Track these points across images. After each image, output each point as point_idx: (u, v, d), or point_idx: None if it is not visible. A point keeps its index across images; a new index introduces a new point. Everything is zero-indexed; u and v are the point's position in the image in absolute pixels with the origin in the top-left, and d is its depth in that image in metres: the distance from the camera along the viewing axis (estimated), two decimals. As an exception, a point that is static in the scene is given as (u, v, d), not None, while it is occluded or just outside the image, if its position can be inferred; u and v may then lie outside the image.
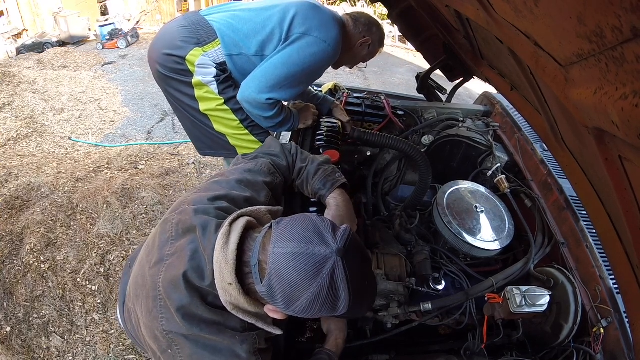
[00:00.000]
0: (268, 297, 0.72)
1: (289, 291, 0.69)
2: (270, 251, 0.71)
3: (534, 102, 1.19)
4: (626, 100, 0.46)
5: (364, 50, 1.71)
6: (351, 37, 1.64)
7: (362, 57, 1.77)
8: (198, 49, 1.48)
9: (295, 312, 0.72)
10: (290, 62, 1.45)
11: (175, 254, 0.84)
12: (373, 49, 1.74)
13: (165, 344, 0.80)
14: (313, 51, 1.46)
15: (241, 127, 1.65)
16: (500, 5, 0.78)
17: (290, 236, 0.71)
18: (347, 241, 0.72)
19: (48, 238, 2.60)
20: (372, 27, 1.68)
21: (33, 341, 2.12)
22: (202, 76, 1.51)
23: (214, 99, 1.56)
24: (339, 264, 0.69)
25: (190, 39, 1.49)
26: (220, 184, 1.00)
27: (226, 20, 1.52)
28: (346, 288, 0.69)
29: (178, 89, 1.57)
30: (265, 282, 0.71)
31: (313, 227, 0.73)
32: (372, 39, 1.69)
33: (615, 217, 0.85)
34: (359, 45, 1.67)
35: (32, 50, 6.82)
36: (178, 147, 4.04)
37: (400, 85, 6.60)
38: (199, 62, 1.49)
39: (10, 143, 3.85)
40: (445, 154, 1.85)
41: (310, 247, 0.69)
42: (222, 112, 1.60)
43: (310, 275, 0.68)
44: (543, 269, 1.39)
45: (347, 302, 0.70)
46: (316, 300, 0.68)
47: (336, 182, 1.18)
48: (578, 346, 1.21)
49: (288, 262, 0.69)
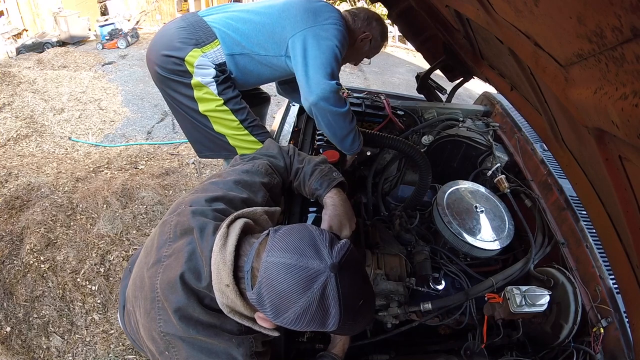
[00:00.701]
0: (257, 304, 0.72)
1: (277, 302, 0.68)
2: (263, 259, 0.71)
3: (534, 102, 1.19)
4: (626, 100, 0.46)
5: (365, 45, 1.69)
6: (351, 32, 1.62)
7: (364, 53, 1.75)
8: (197, 50, 1.48)
9: (283, 324, 0.71)
10: (322, 48, 1.44)
11: (172, 255, 0.84)
12: (375, 43, 1.72)
13: (163, 346, 0.80)
14: (333, 33, 1.47)
15: (241, 128, 1.64)
16: (500, 5, 0.78)
17: (284, 246, 0.70)
18: (343, 257, 0.70)
19: (48, 238, 2.60)
20: (372, 21, 1.67)
21: (33, 341, 2.12)
22: (202, 77, 1.51)
23: (213, 100, 1.56)
24: (332, 280, 0.67)
25: (189, 40, 1.48)
26: (218, 185, 1.00)
27: (225, 21, 1.52)
28: (337, 305, 0.67)
29: (177, 90, 1.57)
30: (255, 290, 0.71)
31: (309, 239, 0.71)
32: (373, 33, 1.67)
33: (615, 217, 0.85)
34: (360, 40, 1.66)
35: (32, 50, 6.82)
36: (178, 147, 4.04)
37: (400, 85, 6.60)
38: (197, 62, 1.49)
39: (10, 143, 3.85)
40: (445, 154, 1.85)
41: (303, 260, 0.68)
42: (221, 113, 1.59)
43: (300, 288, 0.66)
44: (543, 268, 1.39)
45: (337, 319, 0.68)
46: (304, 314, 0.67)
47: (333, 181, 1.18)
48: (578, 346, 1.21)
49: (279, 272, 0.68)
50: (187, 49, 1.48)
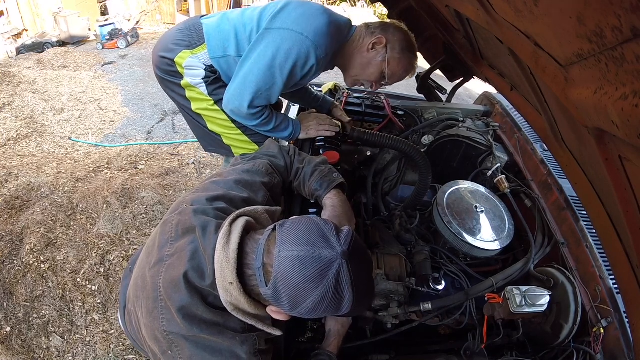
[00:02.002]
0: (273, 299, 0.73)
1: (295, 294, 0.70)
2: (275, 254, 0.72)
3: (534, 102, 1.19)
4: (626, 100, 0.46)
5: (378, 55, 1.43)
6: (357, 39, 1.45)
7: (377, 65, 1.45)
8: (187, 52, 1.50)
9: (300, 314, 0.73)
10: (263, 64, 1.31)
11: (175, 254, 0.84)
12: (393, 54, 1.42)
13: (166, 345, 0.81)
14: (287, 47, 1.28)
15: (233, 127, 1.65)
16: (500, 5, 0.78)
17: (295, 239, 0.72)
18: (350, 243, 0.73)
19: (48, 238, 2.60)
20: (389, 27, 1.44)
21: (33, 341, 2.12)
22: (191, 78, 1.52)
23: (204, 100, 1.58)
24: (344, 267, 0.70)
25: (182, 41, 1.50)
26: (219, 184, 1.01)
27: (215, 22, 1.51)
28: (350, 289, 0.70)
29: (172, 90, 1.60)
30: (270, 285, 0.72)
31: (317, 230, 0.73)
32: (389, 38, 1.42)
33: (615, 217, 0.85)
34: (370, 47, 1.42)
35: (32, 50, 6.82)
36: (178, 147, 4.04)
37: (400, 85, 6.58)
38: (186, 64, 1.50)
39: (10, 143, 3.85)
40: (445, 154, 1.85)
41: (315, 251, 0.70)
42: (214, 112, 1.61)
43: (317, 278, 0.69)
44: (543, 269, 1.39)
45: (351, 302, 0.71)
46: (322, 302, 0.70)
47: (332, 183, 1.19)
48: (578, 346, 1.21)
49: (294, 265, 0.69)
50: (178, 50, 1.50)
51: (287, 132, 1.60)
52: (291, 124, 1.61)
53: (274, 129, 1.55)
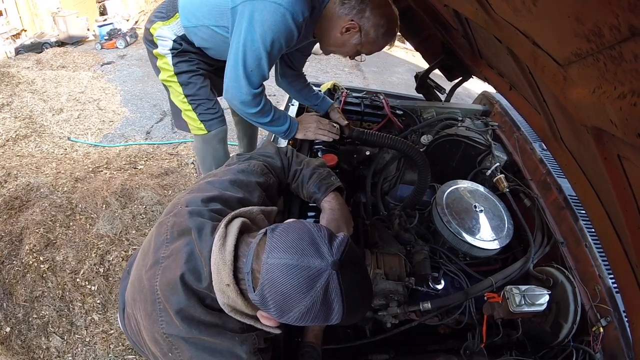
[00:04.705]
0: (261, 305, 0.72)
1: (281, 302, 0.68)
2: (263, 261, 0.70)
3: (532, 102, 1.19)
4: (624, 99, 0.46)
5: (352, 38, 1.39)
6: (332, 16, 1.37)
7: (352, 47, 1.43)
8: (160, 22, 1.59)
9: (288, 322, 0.72)
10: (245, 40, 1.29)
11: (170, 256, 0.84)
12: (368, 39, 1.38)
13: (166, 347, 0.81)
14: (265, 18, 1.25)
15: (186, 103, 1.69)
16: (499, 4, 0.78)
17: (284, 246, 0.70)
18: (343, 253, 0.70)
19: (47, 238, 2.60)
20: (365, 10, 1.33)
21: (33, 341, 2.12)
22: (161, 47, 1.62)
23: (168, 70, 1.65)
24: (334, 278, 0.67)
25: (160, 13, 1.60)
26: (214, 185, 1.00)
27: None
28: (340, 301, 0.68)
29: (150, 60, 1.72)
30: (257, 291, 0.71)
31: (308, 237, 0.71)
32: (363, 25, 1.35)
33: (614, 216, 0.85)
34: (344, 30, 1.36)
35: (31, 51, 6.79)
36: (177, 147, 4.04)
37: (399, 85, 6.59)
38: (157, 34, 1.60)
39: (9, 143, 3.84)
40: (444, 154, 1.85)
41: (304, 260, 0.68)
42: (174, 84, 1.67)
43: (304, 288, 0.67)
44: (542, 268, 1.39)
45: (340, 314, 0.69)
46: (309, 312, 0.68)
47: (331, 186, 1.18)
48: (577, 345, 1.21)
49: (281, 273, 0.68)
50: (154, 21, 1.60)
51: (284, 128, 1.60)
52: (288, 121, 1.61)
53: (271, 122, 1.55)
